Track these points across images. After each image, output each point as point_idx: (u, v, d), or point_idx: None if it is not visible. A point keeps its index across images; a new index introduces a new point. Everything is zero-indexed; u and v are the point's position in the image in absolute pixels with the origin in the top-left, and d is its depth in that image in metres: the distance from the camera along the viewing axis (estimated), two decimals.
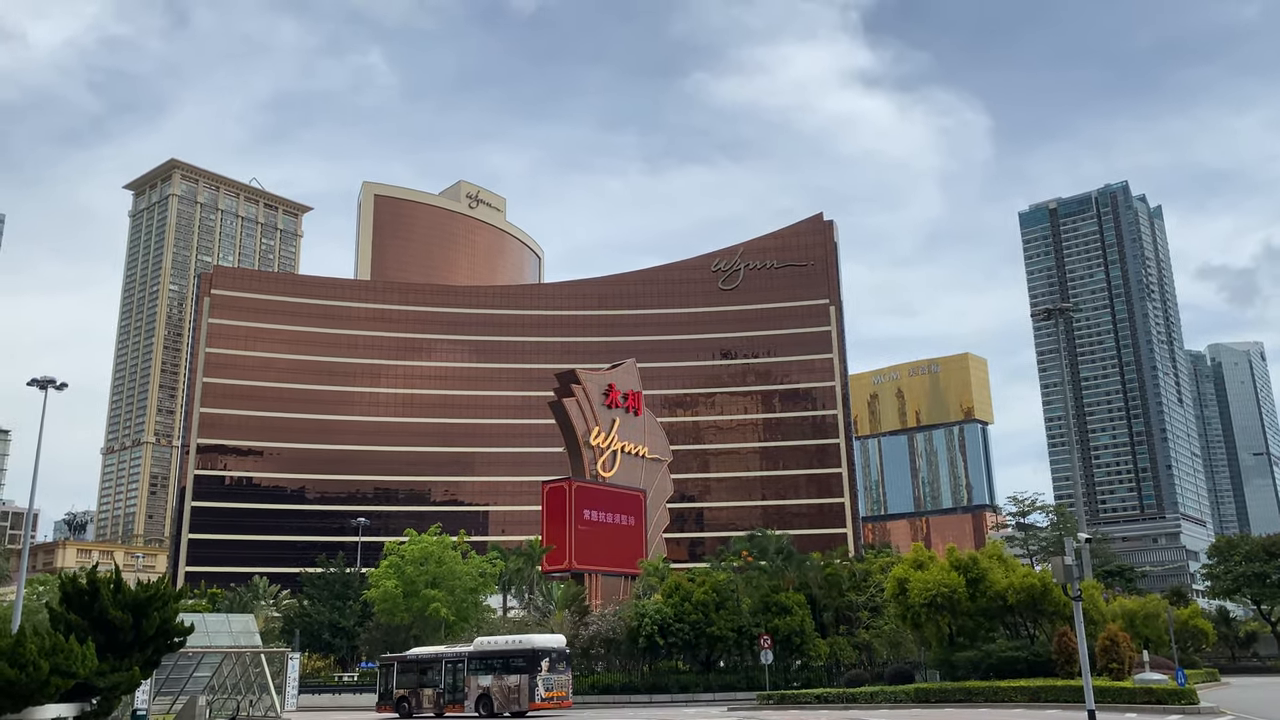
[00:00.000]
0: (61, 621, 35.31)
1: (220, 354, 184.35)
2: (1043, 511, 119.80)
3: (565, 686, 55.45)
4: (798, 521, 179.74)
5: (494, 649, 57.58)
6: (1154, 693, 45.48)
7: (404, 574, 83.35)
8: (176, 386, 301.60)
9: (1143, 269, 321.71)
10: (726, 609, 66.97)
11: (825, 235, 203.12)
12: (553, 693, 53.77)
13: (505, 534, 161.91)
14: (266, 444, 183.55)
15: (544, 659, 54.64)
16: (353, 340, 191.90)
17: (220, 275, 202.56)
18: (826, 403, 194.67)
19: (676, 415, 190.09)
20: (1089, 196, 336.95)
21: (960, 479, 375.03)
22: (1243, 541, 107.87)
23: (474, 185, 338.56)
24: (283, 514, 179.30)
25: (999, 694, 50.26)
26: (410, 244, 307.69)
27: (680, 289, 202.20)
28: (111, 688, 33.41)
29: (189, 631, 39.61)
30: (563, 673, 55.67)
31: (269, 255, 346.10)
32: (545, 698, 53.35)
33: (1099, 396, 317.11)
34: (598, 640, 69.31)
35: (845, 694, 56.24)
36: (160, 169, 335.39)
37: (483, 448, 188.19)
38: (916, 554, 64.07)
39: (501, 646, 57.54)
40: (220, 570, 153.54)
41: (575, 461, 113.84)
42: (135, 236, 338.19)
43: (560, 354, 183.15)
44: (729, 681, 66.13)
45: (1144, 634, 67.68)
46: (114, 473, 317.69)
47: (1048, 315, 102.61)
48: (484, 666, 56.68)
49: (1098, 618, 58.28)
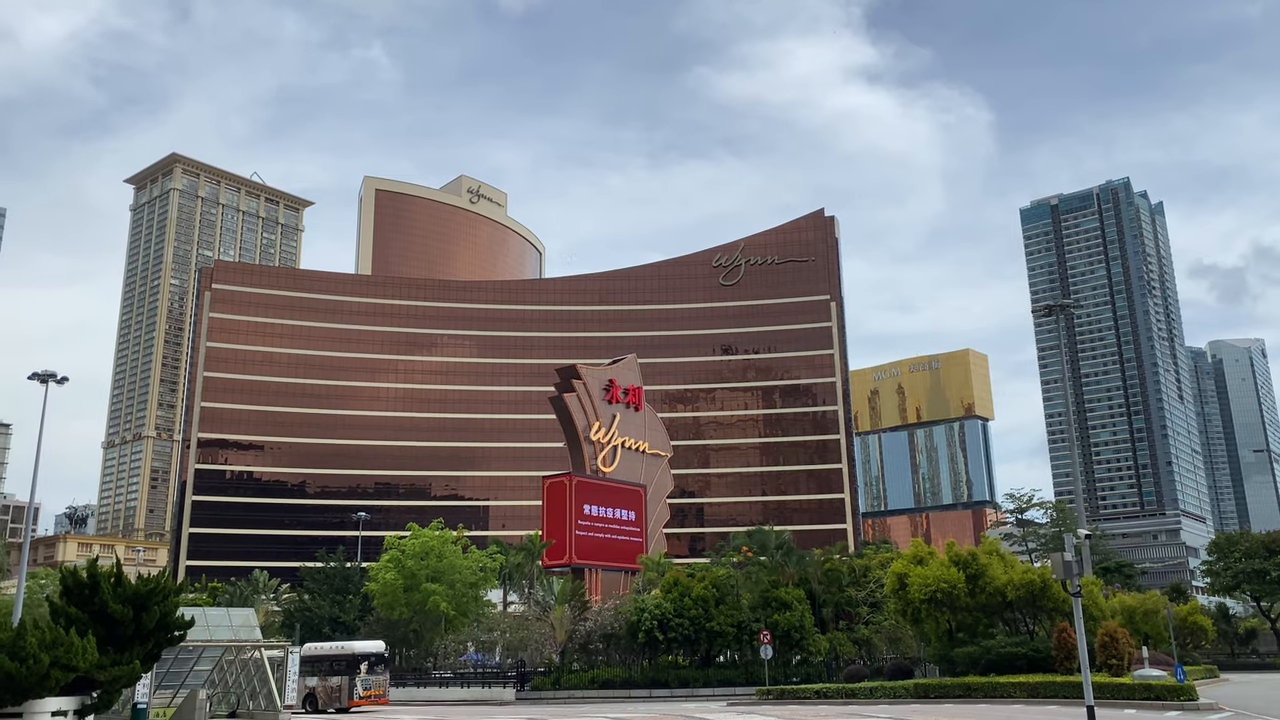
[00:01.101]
0: (62, 615, 35.34)
1: (221, 348, 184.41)
2: (1040, 508, 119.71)
3: (383, 685, 61.42)
4: (798, 517, 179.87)
5: (320, 654, 63.21)
6: (1153, 689, 45.50)
7: (404, 568, 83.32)
8: (177, 381, 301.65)
9: (1144, 265, 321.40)
10: (726, 604, 67.05)
11: (826, 231, 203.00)
12: (370, 691, 59.56)
13: (506, 529, 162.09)
14: (267, 438, 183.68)
15: (363, 662, 60.05)
16: (353, 335, 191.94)
17: (221, 270, 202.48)
18: (827, 398, 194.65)
19: (677, 410, 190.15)
20: (1090, 192, 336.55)
21: (960, 475, 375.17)
22: (1242, 538, 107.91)
23: (475, 180, 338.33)
24: (283, 508, 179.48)
25: (998, 689, 50.29)
26: (411, 239, 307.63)
27: (681, 284, 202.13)
28: (112, 681, 33.45)
29: (189, 625, 39.61)
30: (380, 674, 61.33)
31: (270, 250, 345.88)
32: (364, 695, 59.10)
33: (1100, 393, 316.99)
34: (597, 635, 69.42)
35: (845, 689, 56.28)
36: (161, 163, 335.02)
37: (483, 442, 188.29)
38: (916, 550, 64.07)
39: (326, 651, 63.61)
40: (221, 564, 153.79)
41: (576, 456, 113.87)
42: (136, 230, 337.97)
43: (561, 349, 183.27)
44: (728, 676, 66.19)
45: (1143, 630, 67.81)
46: (115, 467, 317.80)
47: (1048, 311, 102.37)
48: (311, 669, 61.56)
49: (1097, 614, 58.31)
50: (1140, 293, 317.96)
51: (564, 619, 72.58)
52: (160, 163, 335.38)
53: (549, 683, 68.10)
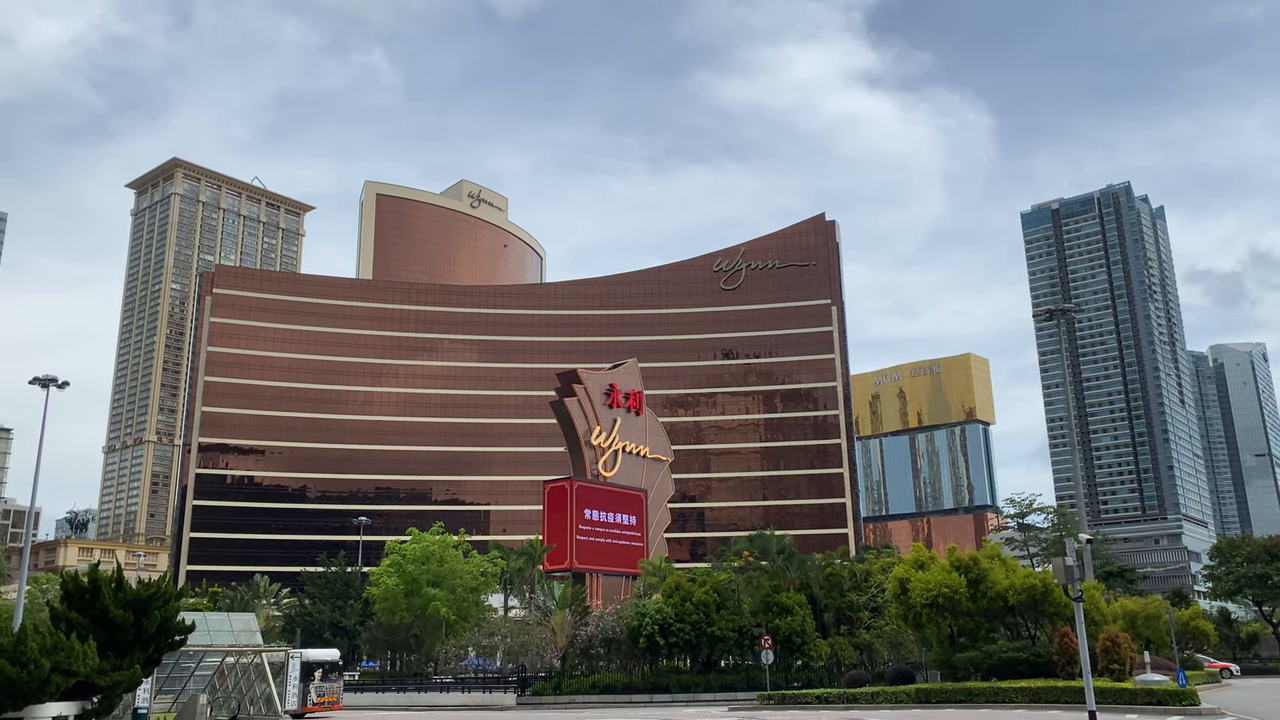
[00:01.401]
0: (63, 620, 35.31)
1: (222, 353, 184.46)
2: (1041, 513, 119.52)
3: (336, 692, 62.68)
4: (799, 522, 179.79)
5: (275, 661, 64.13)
6: (1155, 694, 45.40)
7: (405, 573, 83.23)
8: (178, 385, 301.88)
9: (1144, 269, 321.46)
10: (727, 609, 66.93)
11: (827, 235, 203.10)
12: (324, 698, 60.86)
13: (506, 533, 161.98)
14: (268, 443, 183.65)
15: (317, 670, 61.08)
16: (354, 339, 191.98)
17: (222, 274, 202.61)
18: (828, 403, 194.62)
19: (678, 415, 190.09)
20: (1091, 197, 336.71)
21: (961, 479, 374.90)
22: (1244, 543, 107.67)
23: (476, 185, 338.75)
24: (284, 513, 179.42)
25: (1000, 694, 50.19)
26: (412, 243, 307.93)
27: (682, 289, 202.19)
28: (112, 686, 33.42)
29: (190, 630, 39.59)
30: (335, 681, 62.83)
31: (270, 254, 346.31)
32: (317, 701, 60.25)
33: (1101, 397, 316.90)
34: (598, 640, 69.28)
35: (846, 694, 56.20)
36: (162, 168, 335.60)
37: (484, 447, 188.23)
38: (917, 554, 63.97)
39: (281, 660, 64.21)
40: (221, 569, 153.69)
41: (576, 461, 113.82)
42: (137, 235, 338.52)
43: (562, 354, 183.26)
44: (729, 681, 66.11)
45: (1145, 635, 67.60)
46: (116, 471, 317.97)
47: (1049, 316, 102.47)
48: None
49: (1099, 618, 58.17)
50: (1141, 297, 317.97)
51: (565, 624, 72.53)
52: (161, 167, 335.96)
53: (550, 687, 68.01)
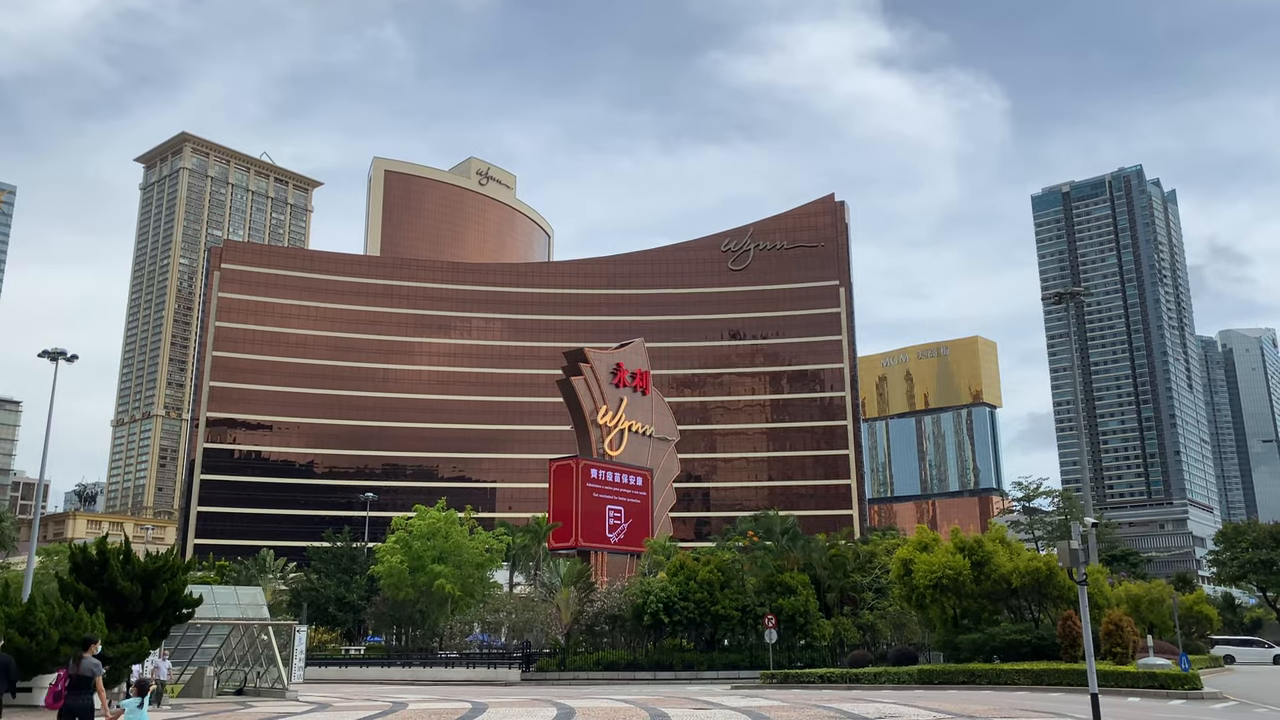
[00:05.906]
0: (71, 591, 35.62)
1: (230, 328, 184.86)
2: (1047, 496, 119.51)
3: None
4: (804, 502, 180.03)
5: None
6: (1157, 678, 45.46)
7: (411, 549, 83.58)
8: (186, 360, 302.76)
9: (1155, 253, 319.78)
10: (731, 588, 67.12)
11: (836, 216, 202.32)
12: None
13: (512, 510, 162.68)
14: (275, 418, 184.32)
15: None
16: (362, 316, 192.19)
17: (230, 249, 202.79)
18: (834, 384, 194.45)
19: (684, 395, 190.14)
20: (1102, 180, 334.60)
21: (967, 462, 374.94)
22: (1250, 528, 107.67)
23: (484, 162, 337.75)
24: (291, 488, 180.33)
25: (1002, 676, 50.32)
26: (420, 220, 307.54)
27: (689, 269, 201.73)
28: (120, 657, 33.73)
29: (197, 603, 39.91)
30: None
31: (279, 230, 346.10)
32: None
33: (1108, 381, 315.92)
34: (603, 617, 69.58)
35: (849, 674, 56.38)
36: (171, 142, 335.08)
37: (491, 424, 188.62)
38: (921, 536, 64.03)
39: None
40: (229, 543, 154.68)
41: (582, 439, 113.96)
42: (146, 209, 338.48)
43: (569, 332, 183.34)
44: (733, 660, 66.38)
45: (1149, 619, 67.67)
46: (124, 445, 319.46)
47: (1058, 299, 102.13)
48: None
49: (1103, 602, 58.22)
50: (1151, 281, 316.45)
51: (569, 601, 72.81)
52: (170, 142, 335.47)
53: (554, 664, 68.39)
